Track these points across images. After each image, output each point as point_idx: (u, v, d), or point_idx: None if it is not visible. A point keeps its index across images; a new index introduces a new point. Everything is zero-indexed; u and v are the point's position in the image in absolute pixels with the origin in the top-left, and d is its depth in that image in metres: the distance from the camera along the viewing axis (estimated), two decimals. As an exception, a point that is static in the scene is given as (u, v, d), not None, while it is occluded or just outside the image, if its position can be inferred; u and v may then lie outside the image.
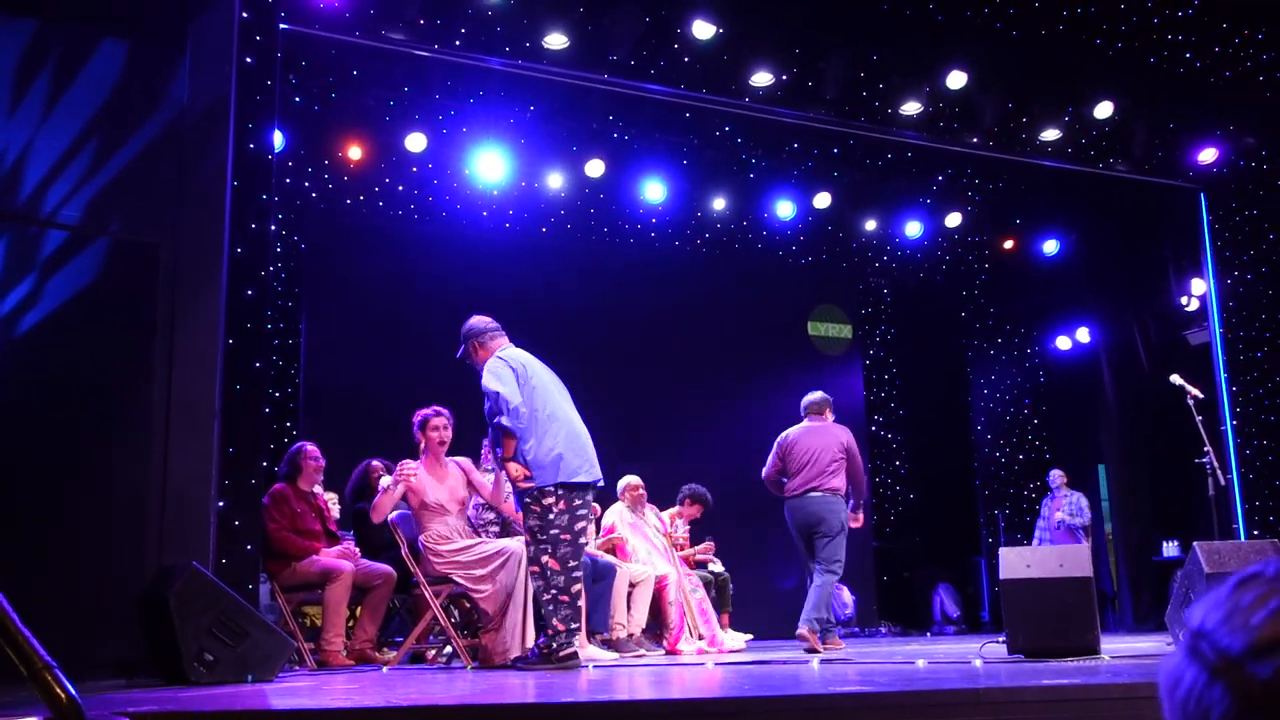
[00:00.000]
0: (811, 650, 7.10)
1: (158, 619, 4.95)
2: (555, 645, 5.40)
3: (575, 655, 5.46)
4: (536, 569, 5.51)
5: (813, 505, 7.72)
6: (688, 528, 9.01)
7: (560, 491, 5.47)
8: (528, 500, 5.52)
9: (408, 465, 6.26)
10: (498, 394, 5.54)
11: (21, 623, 1.94)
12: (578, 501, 5.55)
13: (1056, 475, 11.48)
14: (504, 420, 5.52)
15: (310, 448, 7.07)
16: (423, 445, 6.40)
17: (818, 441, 7.84)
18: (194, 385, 5.86)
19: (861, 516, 7.96)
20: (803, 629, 7.38)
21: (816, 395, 8.23)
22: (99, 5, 5.97)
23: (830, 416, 8.11)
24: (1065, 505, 11.20)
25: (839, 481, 7.76)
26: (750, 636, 8.44)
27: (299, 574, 6.64)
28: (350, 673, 5.89)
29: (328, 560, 6.64)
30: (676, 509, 8.99)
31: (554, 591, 5.44)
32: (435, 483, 6.31)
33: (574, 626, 5.49)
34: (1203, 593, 5.43)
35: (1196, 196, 10.12)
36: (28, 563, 5.20)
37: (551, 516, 5.47)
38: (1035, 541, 11.36)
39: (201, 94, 6.14)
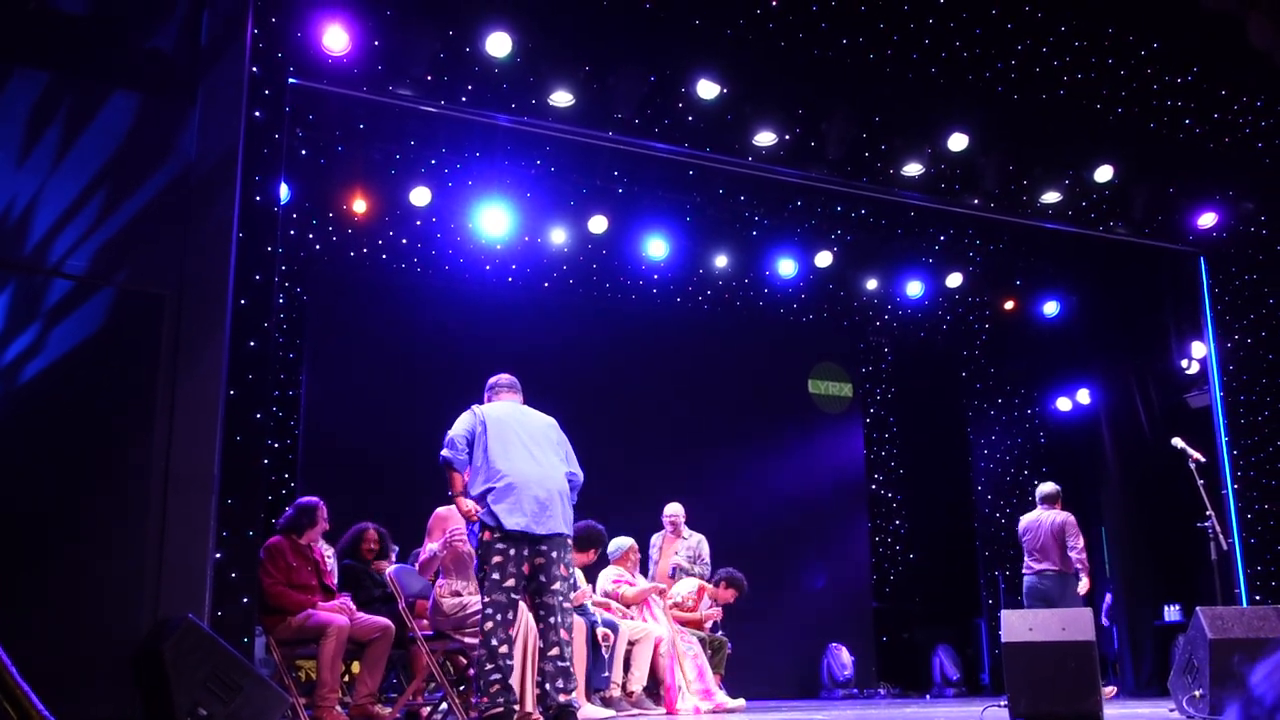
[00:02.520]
0: None
1: (153, 673, 4.90)
2: (481, 706, 5.26)
3: (498, 717, 5.22)
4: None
5: (1044, 583, 9.01)
6: (711, 603, 8.90)
7: (488, 535, 5.42)
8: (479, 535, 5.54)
9: (458, 530, 6.34)
10: (448, 434, 5.64)
11: (21, 678, 1.93)
12: (512, 551, 5.41)
13: (674, 511, 9.37)
14: (443, 452, 5.58)
15: (324, 507, 7.04)
16: None
17: (1039, 528, 9.14)
18: (195, 436, 5.84)
19: (1084, 583, 8.95)
20: None
21: (1048, 487, 9.39)
22: (111, 59, 6.03)
23: (1059, 504, 9.27)
24: (683, 549, 9.26)
25: (1065, 562, 8.99)
26: (743, 702, 8.34)
27: (294, 628, 6.57)
28: (344, 729, 5.82)
29: (323, 615, 6.57)
30: (706, 585, 8.88)
31: (482, 635, 5.37)
32: None
33: (494, 678, 5.27)
34: (1205, 658, 5.38)
35: (1196, 260, 10.19)
36: (23, 614, 5.16)
37: (482, 555, 5.43)
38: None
39: (210, 147, 6.18)
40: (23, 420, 5.45)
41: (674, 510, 9.33)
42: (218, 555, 5.90)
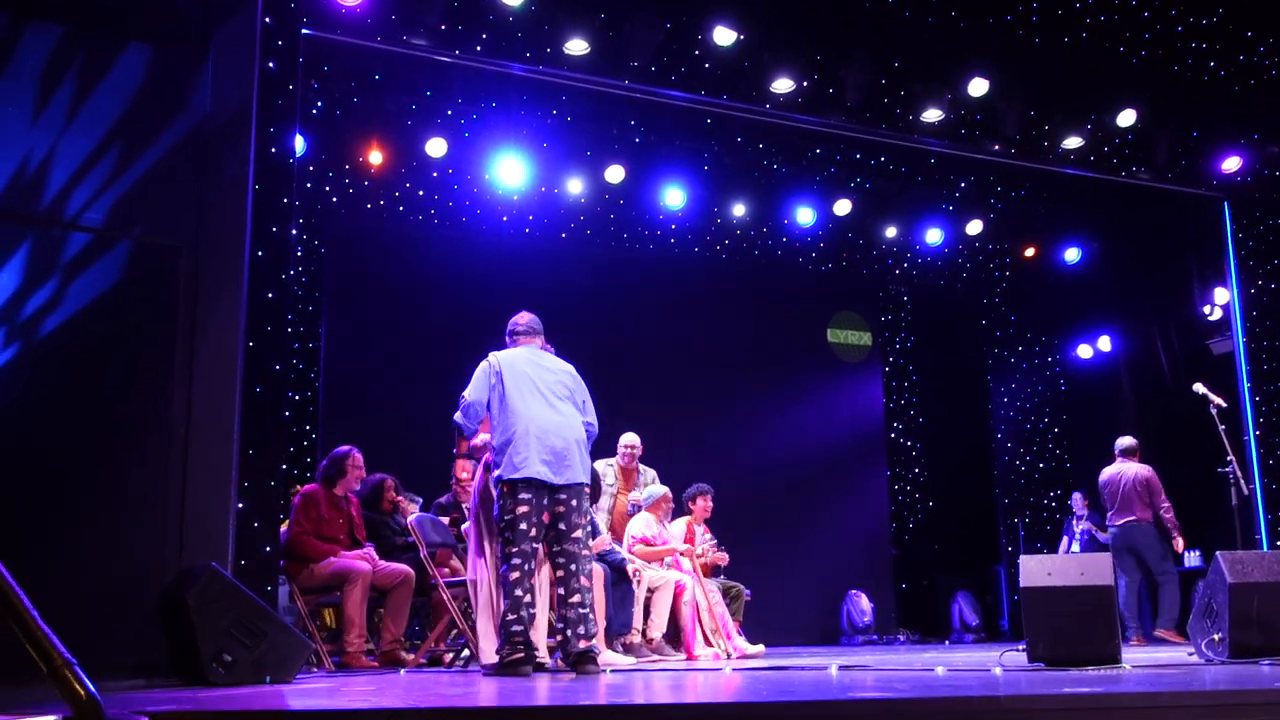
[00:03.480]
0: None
1: (177, 620, 4.97)
2: (503, 653, 5.31)
3: (519, 662, 5.25)
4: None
5: (1127, 534, 9.42)
6: (706, 530, 8.87)
7: (508, 487, 5.43)
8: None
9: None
10: (464, 397, 5.64)
11: (42, 621, 1.96)
12: (534, 500, 5.44)
13: (631, 442, 8.57)
14: (457, 416, 5.61)
15: (357, 455, 7.06)
16: None
17: (1120, 480, 9.49)
18: (214, 387, 5.88)
19: (1180, 540, 9.35)
20: (1160, 631, 9.27)
21: (1127, 441, 9.71)
22: (124, 11, 6.01)
23: (1138, 456, 9.62)
24: (642, 487, 8.62)
25: (1146, 512, 9.38)
26: (762, 647, 8.38)
27: (317, 576, 6.65)
28: (368, 674, 5.90)
29: (344, 561, 6.65)
30: (689, 518, 8.78)
31: (507, 583, 5.39)
32: None
33: (515, 629, 5.28)
34: (1224, 602, 5.37)
35: (1220, 205, 10.06)
36: (48, 563, 5.23)
37: (503, 504, 5.45)
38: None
39: (224, 99, 6.17)
40: (45, 373, 5.50)
41: (631, 440, 8.59)
42: (240, 505, 5.95)
